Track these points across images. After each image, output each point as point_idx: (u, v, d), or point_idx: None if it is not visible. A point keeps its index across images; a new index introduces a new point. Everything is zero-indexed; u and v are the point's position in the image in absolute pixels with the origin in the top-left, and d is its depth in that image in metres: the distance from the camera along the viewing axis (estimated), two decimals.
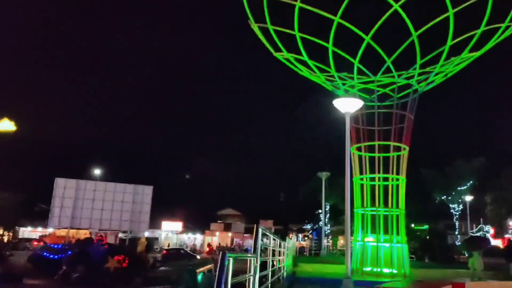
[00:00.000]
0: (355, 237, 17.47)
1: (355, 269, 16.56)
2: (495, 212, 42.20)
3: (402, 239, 16.79)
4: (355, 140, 17.80)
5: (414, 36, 15.01)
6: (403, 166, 17.43)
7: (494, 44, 16.18)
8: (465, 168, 39.32)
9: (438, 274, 19.96)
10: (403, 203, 17.29)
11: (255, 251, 5.02)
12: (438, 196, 40.98)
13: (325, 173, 30.21)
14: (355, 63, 16.32)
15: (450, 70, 17.09)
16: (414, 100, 17.46)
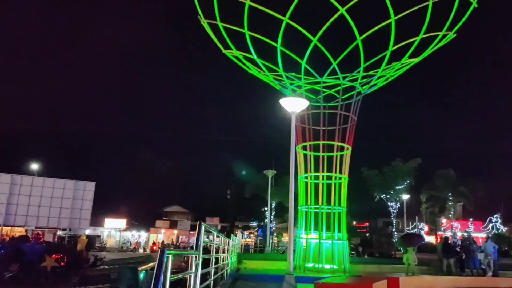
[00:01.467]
0: (298, 234, 17.88)
1: (298, 266, 16.95)
2: (429, 211, 44.63)
3: (343, 236, 17.38)
4: (301, 139, 18.19)
5: (358, 40, 15.56)
6: (346, 165, 18.03)
7: (432, 51, 17.11)
8: (403, 168, 41.27)
9: (376, 269, 20.91)
10: (345, 201, 17.89)
11: (197, 248, 5.01)
12: (377, 194, 42.72)
13: (271, 171, 30.65)
14: (302, 64, 16.65)
15: (391, 74, 17.88)
16: (358, 102, 18.10)
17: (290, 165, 11.88)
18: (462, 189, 42.03)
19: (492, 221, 49.77)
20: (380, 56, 16.42)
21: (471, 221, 50.54)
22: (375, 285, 8.37)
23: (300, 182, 18.16)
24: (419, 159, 41.62)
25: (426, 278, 14.10)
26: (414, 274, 17.12)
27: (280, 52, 16.21)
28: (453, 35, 16.11)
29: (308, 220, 17.53)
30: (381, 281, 9.60)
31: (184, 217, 59.57)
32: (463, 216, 51.41)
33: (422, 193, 44.61)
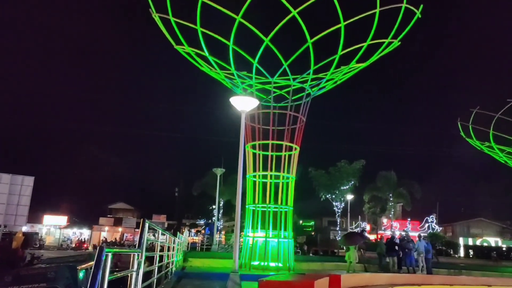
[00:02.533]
0: (245, 233, 17.98)
1: (244, 264, 17.06)
2: (371, 211, 46.46)
3: (289, 234, 17.68)
4: (251, 138, 18.30)
5: (309, 43, 15.87)
6: (293, 165, 18.34)
7: (378, 58, 17.79)
8: (348, 169, 42.66)
9: (320, 267, 21.47)
10: (292, 200, 18.20)
11: (140, 246, 4.92)
12: (323, 194, 43.86)
13: (220, 169, 30.61)
14: (254, 63, 16.74)
15: (339, 78, 18.40)
16: (307, 103, 18.47)
17: (239, 163, 11.92)
18: (401, 191, 44.16)
19: (428, 221, 52.58)
20: (329, 59, 16.85)
21: (409, 221, 53.12)
22: (318, 282, 8.58)
23: (248, 180, 18.27)
24: (363, 161, 43.24)
25: (365, 275, 14.64)
26: (355, 271, 17.74)
27: (232, 51, 16.20)
28: (397, 43, 16.83)
29: (255, 219, 17.67)
30: (323, 278, 9.84)
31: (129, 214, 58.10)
32: (402, 216, 54.00)
33: (365, 194, 46.32)
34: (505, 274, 23.51)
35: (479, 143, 25.00)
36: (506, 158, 24.93)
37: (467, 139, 25.22)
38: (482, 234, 53.61)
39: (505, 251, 38.51)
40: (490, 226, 59.29)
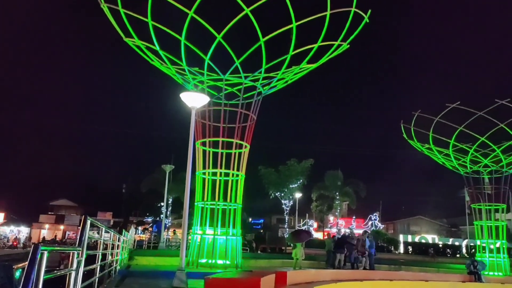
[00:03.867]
0: (193, 230, 17.83)
1: (191, 261, 16.91)
2: (318, 209, 47.60)
3: (237, 232, 17.73)
4: (201, 135, 18.15)
5: (261, 42, 15.97)
6: (243, 163, 18.39)
7: (328, 59, 18.21)
8: (297, 168, 43.43)
9: (267, 264, 21.73)
10: (241, 198, 18.25)
11: (81, 244, 4.74)
12: (272, 192, 44.38)
13: (169, 166, 30.15)
14: (206, 60, 16.61)
15: (290, 77, 18.66)
16: (258, 101, 18.58)
17: (188, 160, 11.79)
18: (347, 189, 45.59)
19: (372, 219, 54.69)
20: (281, 59, 17.03)
21: (354, 219, 54.97)
22: (264, 279, 8.68)
23: (197, 177, 18.12)
24: (312, 160, 44.19)
25: (310, 272, 14.99)
26: (301, 268, 18.12)
27: (184, 46, 15.98)
28: (346, 46, 17.32)
29: (204, 216, 17.56)
30: (270, 275, 9.97)
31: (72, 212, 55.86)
32: (347, 214, 55.79)
33: (313, 192, 47.37)
34: (441, 270, 24.98)
35: (419, 145, 26.30)
36: (444, 160, 26.40)
37: (409, 140, 26.46)
38: (421, 232, 56.52)
39: (441, 248, 40.81)
40: (429, 224, 62.67)
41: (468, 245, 39.50)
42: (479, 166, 25.33)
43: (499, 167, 24.82)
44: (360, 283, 15.69)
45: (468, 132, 23.66)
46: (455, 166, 26.06)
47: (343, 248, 19.94)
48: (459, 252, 40.58)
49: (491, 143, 23.87)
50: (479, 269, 19.96)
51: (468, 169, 25.62)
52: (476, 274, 19.81)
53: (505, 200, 25.31)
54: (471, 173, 25.70)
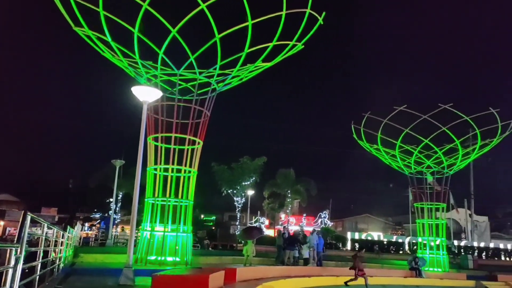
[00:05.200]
0: (143, 227, 17.49)
1: (140, 258, 16.59)
2: (270, 206, 48.11)
3: (188, 229, 17.58)
4: (153, 130, 17.83)
5: (216, 38, 15.90)
6: (196, 160, 18.26)
7: (283, 59, 18.42)
8: (250, 165, 43.68)
9: (218, 261, 21.70)
10: (192, 194, 18.11)
11: (19, 240, 4.53)
12: (225, 189, 44.39)
13: (119, 161, 29.36)
14: (160, 53, 16.31)
15: (245, 75, 18.71)
16: (212, 98, 18.49)
17: (138, 155, 11.57)
18: (299, 188, 46.42)
19: (322, 217, 55.99)
20: (236, 56, 17.04)
21: (305, 216, 56.05)
22: (213, 276, 8.68)
23: (149, 173, 17.79)
24: (265, 158, 44.61)
25: (260, 268, 15.15)
26: (251, 265, 18.25)
27: (137, 38, 15.61)
28: (301, 46, 17.60)
29: (154, 212, 17.27)
30: (219, 272, 9.99)
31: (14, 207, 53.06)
32: (298, 211, 56.81)
33: (265, 190, 47.83)
34: (385, 266, 26.02)
35: (368, 145, 27.23)
36: (391, 160, 27.49)
37: (359, 141, 27.33)
38: (367, 229, 58.56)
39: (386, 245, 42.49)
40: (375, 221, 65.10)
41: (411, 242, 41.40)
42: (422, 167, 26.58)
43: (441, 168, 26.17)
44: (309, 279, 16.05)
45: (413, 134, 24.78)
46: (400, 166, 27.19)
47: (293, 245, 20.28)
48: (402, 249, 42.42)
49: (434, 145, 25.13)
50: (420, 265, 21.00)
51: (412, 169, 26.82)
52: (417, 270, 20.82)
53: (445, 200, 26.72)
54: (415, 174, 26.92)
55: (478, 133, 24.17)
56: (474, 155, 26.56)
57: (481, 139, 24.62)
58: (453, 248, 39.92)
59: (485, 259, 41.51)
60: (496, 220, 63.06)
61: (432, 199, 26.09)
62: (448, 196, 28.66)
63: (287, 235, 21.34)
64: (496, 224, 65.25)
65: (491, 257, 43.79)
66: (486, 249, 45.41)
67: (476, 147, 25.53)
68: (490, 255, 44.18)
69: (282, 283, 13.72)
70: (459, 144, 24.55)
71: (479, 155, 27.82)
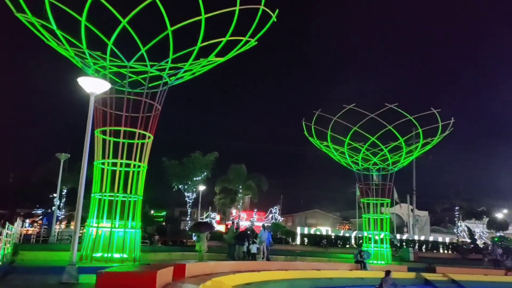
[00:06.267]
0: (89, 223, 16.93)
1: (85, 256, 16.07)
2: (221, 201, 48.03)
3: (136, 224, 17.22)
4: (101, 123, 17.28)
5: (169, 30, 15.61)
6: (146, 154, 17.91)
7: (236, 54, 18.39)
8: (201, 160, 43.41)
9: (167, 257, 21.42)
10: (142, 189, 17.76)
11: None
12: (176, 184, 43.88)
13: (64, 154, 28.22)
14: (109, 44, 15.79)
15: (197, 69, 18.53)
16: (164, 92, 18.17)
17: (84, 149, 11.18)
18: (250, 183, 46.67)
19: (272, 212, 56.69)
20: (188, 50, 16.82)
21: (256, 212, 56.50)
22: (161, 272, 8.55)
23: (96, 168, 17.24)
24: (216, 153, 44.49)
25: (210, 264, 15.11)
26: (202, 260, 18.19)
27: (84, 28, 15.02)
28: (254, 42, 17.66)
29: (101, 208, 16.77)
30: (168, 268, 9.87)
31: None
32: (249, 207, 57.18)
33: (216, 185, 47.69)
34: (332, 259, 26.79)
35: (319, 142, 27.85)
36: (339, 157, 28.28)
37: (309, 138, 27.88)
38: (316, 224, 59.97)
39: (334, 239, 43.70)
40: (324, 216, 66.82)
41: (357, 237, 42.84)
42: (369, 163, 27.55)
43: (386, 165, 27.25)
44: (258, 273, 16.22)
45: (361, 132, 25.62)
46: (349, 163, 28.04)
47: (243, 240, 20.43)
48: (348, 243, 43.81)
49: (381, 143, 26.13)
50: (365, 258, 21.80)
51: (359, 166, 27.73)
52: (362, 263, 21.60)
53: (389, 195, 27.88)
54: (362, 170, 27.86)
55: (420, 132, 25.37)
56: (417, 153, 27.88)
57: (423, 137, 25.87)
58: (396, 242, 41.74)
59: (425, 251, 43.75)
60: (435, 215, 66.56)
61: (377, 195, 27.12)
62: (392, 192, 29.88)
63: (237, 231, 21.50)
64: (435, 219, 68.93)
65: (430, 250, 46.22)
66: (426, 242, 47.86)
67: (419, 145, 26.80)
68: (430, 248, 46.62)
69: (232, 278, 13.78)
70: (403, 142, 25.64)
71: (421, 153, 29.27)
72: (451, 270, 23.77)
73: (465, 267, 26.50)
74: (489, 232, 56.62)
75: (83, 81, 11.16)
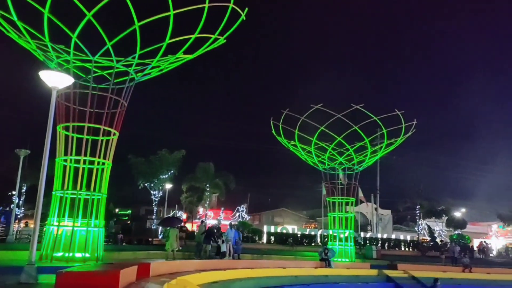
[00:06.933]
0: (49, 221, 16.41)
1: (45, 255, 15.59)
2: (188, 200, 47.64)
3: (100, 223, 16.83)
4: (64, 119, 16.78)
5: (136, 26, 15.32)
6: (111, 151, 17.53)
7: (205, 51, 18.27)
8: (168, 158, 42.90)
9: (132, 256, 21.05)
10: (106, 187, 17.37)
11: None
12: (142, 182, 43.21)
13: (24, 150, 27.20)
14: (73, 37, 15.34)
15: (165, 66, 18.28)
16: (130, 88, 17.83)
17: (45, 144, 10.84)
18: (218, 182, 46.51)
19: (240, 211, 56.74)
20: (156, 46, 16.56)
21: (223, 210, 56.39)
22: (124, 271, 8.40)
23: (58, 164, 16.73)
24: (184, 151, 44.07)
25: (176, 263, 14.98)
26: (168, 259, 18.01)
27: (47, 20, 14.53)
28: (223, 40, 17.60)
29: (62, 206, 16.28)
30: (131, 267, 9.71)
31: None
32: (216, 205, 56.99)
33: (184, 183, 47.26)
34: (298, 258, 27.11)
35: (286, 141, 28.06)
36: (306, 156, 28.61)
37: (277, 137, 28.05)
38: (283, 223, 60.47)
39: (300, 237, 44.23)
40: (291, 215, 67.47)
41: (322, 235, 43.50)
42: (335, 163, 28.00)
43: (351, 165, 27.78)
44: (224, 272, 16.21)
45: (328, 132, 26.00)
46: (315, 162, 28.40)
47: (209, 239, 20.37)
48: (314, 241, 44.42)
49: (346, 143, 26.60)
50: (330, 256, 22.17)
51: (326, 165, 28.13)
52: (327, 260, 21.96)
53: (354, 194, 28.45)
54: (329, 169, 28.28)
55: (385, 132, 26.01)
56: (381, 153, 28.57)
57: (387, 138, 26.52)
58: (360, 240, 42.67)
59: (387, 249, 44.98)
60: (398, 214, 68.46)
61: (343, 194, 27.61)
62: (357, 191, 30.49)
63: (204, 229, 21.42)
64: (397, 217, 70.91)
65: (392, 247, 47.55)
66: (389, 240, 49.20)
67: (383, 146, 27.47)
68: (392, 246, 47.96)
69: (197, 277, 13.71)
70: (368, 142, 26.20)
71: (385, 153, 30.02)
72: (411, 267, 24.54)
73: (425, 264, 27.43)
74: (448, 230, 58.76)
75: (45, 75, 10.79)
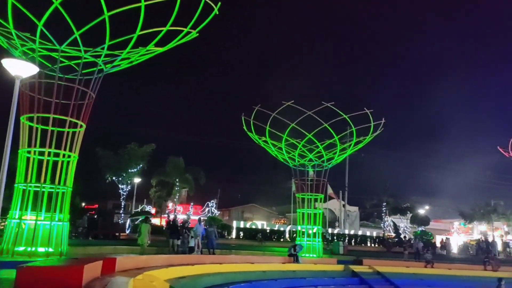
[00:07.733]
0: (11, 215, 15.88)
1: (6, 249, 15.12)
2: (157, 194, 47.07)
3: (64, 217, 16.43)
4: (28, 110, 16.25)
5: (105, 15, 14.97)
6: (77, 143, 17.12)
7: (177, 45, 18.05)
8: (137, 152, 42.26)
9: (97, 250, 20.65)
10: (71, 180, 16.96)
11: None
12: (110, 176, 42.40)
13: None
14: (39, 25, 14.84)
15: (135, 58, 17.95)
16: (98, 79, 17.43)
17: (7, 135, 10.47)
18: (187, 176, 46.17)
19: (209, 206, 56.51)
20: (127, 37, 16.23)
21: (192, 205, 56.03)
22: (88, 266, 8.22)
23: (21, 156, 16.20)
24: (154, 145, 43.52)
25: (142, 258, 14.78)
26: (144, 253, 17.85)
27: (11, 6, 14.00)
28: (195, 34, 17.43)
29: (25, 200, 15.78)
30: (96, 262, 9.52)
31: None
32: (186, 200, 56.59)
33: (153, 178, 46.69)
34: (267, 253, 27.26)
35: (257, 137, 28.11)
36: (277, 152, 28.75)
37: (248, 132, 28.06)
38: (253, 218, 60.66)
39: (269, 233, 44.48)
40: (260, 211, 67.73)
41: (291, 231, 43.89)
42: (305, 160, 28.27)
43: (321, 162, 28.12)
44: (192, 267, 16.14)
45: (298, 129, 26.18)
46: (286, 159, 28.58)
47: (177, 233, 20.24)
48: (283, 237, 44.78)
49: (317, 140, 26.87)
50: (298, 251, 22.41)
51: (296, 162, 28.37)
52: (295, 256, 22.19)
53: (323, 191, 28.81)
54: (298, 166, 28.53)
55: (354, 130, 26.43)
56: (350, 150, 29.03)
57: (356, 136, 26.96)
58: (328, 236, 43.32)
59: (354, 245, 45.84)
60: (365, 210, 69.88)
61: (312, 190, 27.91)
62: (326, 188, 30.87)
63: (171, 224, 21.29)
64: (364, 214, 72.42)
65: (359, 243, 48.53)
66: (356, 236, 50.17)
67: (352, 144, 27.92)
68: (359, 242, 48.93)
69: (164, 272, 13.59)
70: (337, 140, 26.56)
71: (354, 151, 30.53)
72: (376, 262, 25.12)
73: (389, 259, 28.13)
74: (412, 227, 60.43)
75: (8, 63, 10.41)
